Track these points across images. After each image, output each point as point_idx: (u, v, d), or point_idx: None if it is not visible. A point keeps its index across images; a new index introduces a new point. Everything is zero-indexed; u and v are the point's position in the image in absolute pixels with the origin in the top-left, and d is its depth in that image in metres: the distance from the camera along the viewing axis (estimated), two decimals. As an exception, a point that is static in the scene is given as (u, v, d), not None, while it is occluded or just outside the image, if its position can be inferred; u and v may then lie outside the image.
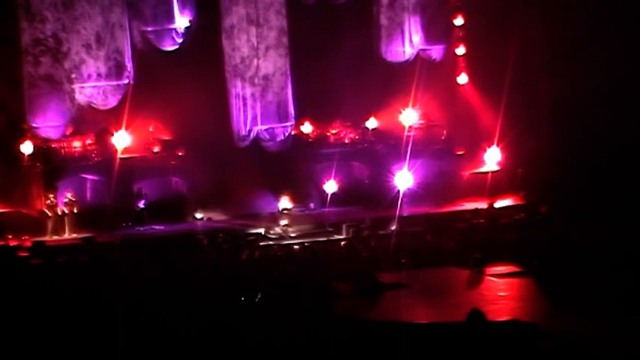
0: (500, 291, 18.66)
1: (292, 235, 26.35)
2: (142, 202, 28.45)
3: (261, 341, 14.00)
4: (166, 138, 29.86)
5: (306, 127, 30.50)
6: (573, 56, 27.83)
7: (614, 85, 27.39)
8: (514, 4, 29.22)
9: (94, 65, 28.89)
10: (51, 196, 27.43)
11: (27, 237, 25.91)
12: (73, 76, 28.81)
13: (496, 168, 29.79)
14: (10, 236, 25.91)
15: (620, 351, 13.33)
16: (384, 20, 31.05)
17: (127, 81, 29.10)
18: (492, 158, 29.94)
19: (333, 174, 28.68)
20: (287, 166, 29.68)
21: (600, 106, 27.46)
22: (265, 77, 30.13)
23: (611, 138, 27.14)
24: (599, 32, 27.48)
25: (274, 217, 27.44)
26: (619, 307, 15.83)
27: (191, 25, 29.53)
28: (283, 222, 26.93)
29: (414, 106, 30.18)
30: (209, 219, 28.45)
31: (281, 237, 26.23)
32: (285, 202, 27.44)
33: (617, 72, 27.34)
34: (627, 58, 27.54)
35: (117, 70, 29.05)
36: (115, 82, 29.03)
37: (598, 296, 16.80)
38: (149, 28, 29.44)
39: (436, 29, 31.22)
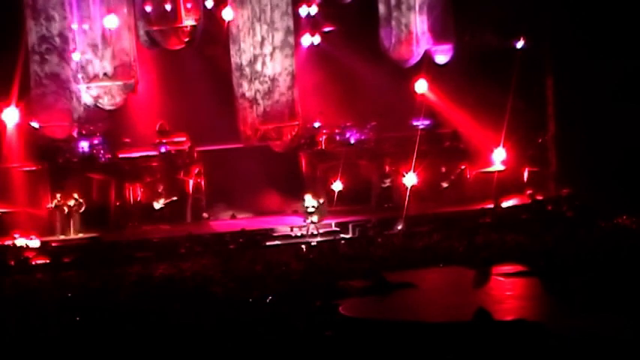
0: (507, 290, 18.63)
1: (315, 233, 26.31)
2: (161, 200, 28.55)
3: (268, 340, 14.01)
4: (173, 137, 29.84)
5: (313, 127, 30.43)
6: (579, 55, 27.73)
7: (621, 83, 27.32)
8: (520, 3, 29.13)
9: (100, 65, 28.90)
10: (58, 195, 27.43)
11: (34, 237, 25.93)
12: (80, 75, 28.83)
13: (502, 167, 29.71)
14: (16, 236, 25.92)
15: (625, 351, 13.29)
16: (390, 20, 30.96)
17: (133, 81, 29.09)
18: (499, 158, 29.86)
19: (339, 173, 28.67)
20: (293, 165, 29.67)
21: (606, 105, 27.37)
22: (272, 77, 30.07)
23: (617, 137, 27.06)
24: (606, 30, 27.39)
25: (302, 214, 27.20)
26: (625, 307, 15.79)
27: (197, 25, 29.50)
28: (314, 219, 26.70)
29: (420, 105, 30.11)
30: (232, 215, 28.84)
31: (310, 234, 26.20)
32: (311, 200, 27.08)
33: (625, 70, 27.28)
34: (633, 57, 27.46)
35: (123, 69, 29.04)
36: (121, 82, 29.03)
37: (604, 295, 16.74)
38: (155, 28, 29.43)
39: (443, 29, 31.11)
